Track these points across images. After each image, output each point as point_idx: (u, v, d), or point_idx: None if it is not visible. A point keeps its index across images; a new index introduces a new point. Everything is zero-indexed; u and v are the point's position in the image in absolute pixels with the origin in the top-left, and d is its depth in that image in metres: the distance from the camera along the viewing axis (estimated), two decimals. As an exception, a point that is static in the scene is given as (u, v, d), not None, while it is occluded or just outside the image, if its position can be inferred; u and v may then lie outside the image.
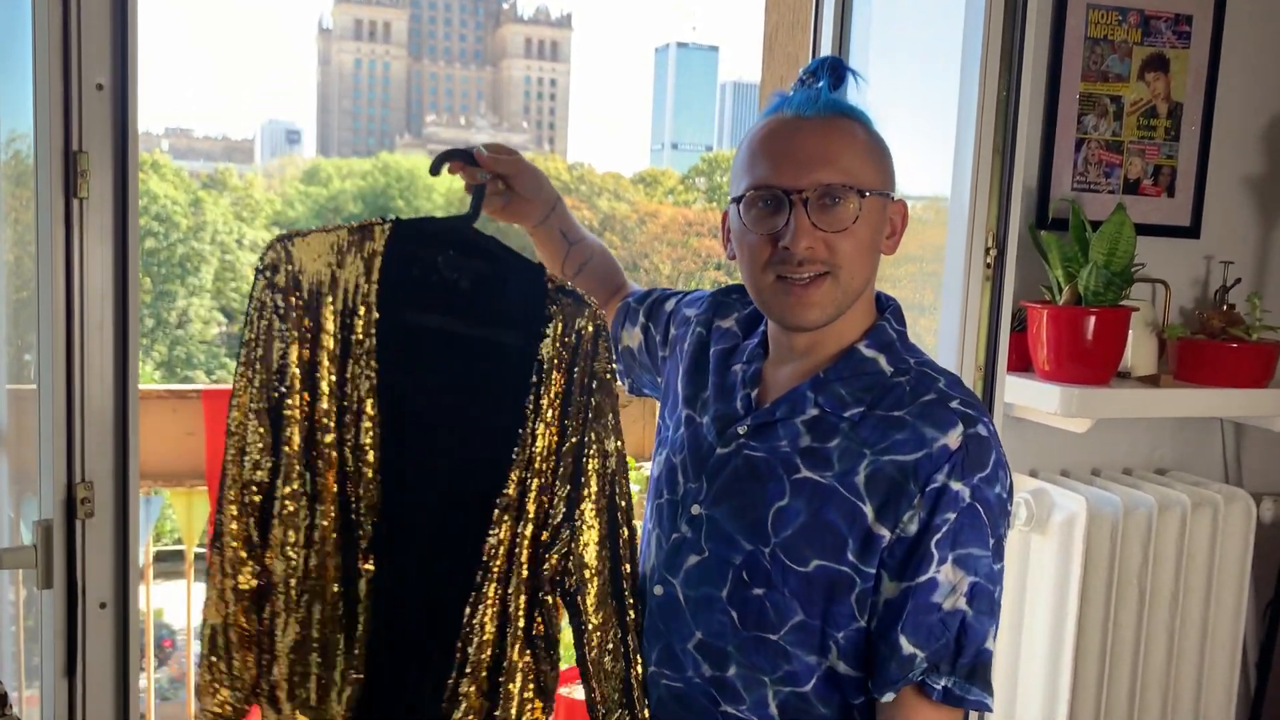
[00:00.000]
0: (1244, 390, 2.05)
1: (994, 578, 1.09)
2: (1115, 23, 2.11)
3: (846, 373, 1.14)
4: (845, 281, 1.12)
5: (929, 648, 1.06)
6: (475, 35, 76.63)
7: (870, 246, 1.14)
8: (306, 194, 36.03)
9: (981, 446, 1.08)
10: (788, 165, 1.10)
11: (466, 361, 1.18)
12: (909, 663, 1.06)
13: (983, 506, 1.08)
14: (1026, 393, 2.00)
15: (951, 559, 1.07)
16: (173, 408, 2.10)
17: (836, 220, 1.10)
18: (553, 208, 1.37)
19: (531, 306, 1.19)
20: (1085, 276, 1.91)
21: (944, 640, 1.06)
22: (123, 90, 1.25)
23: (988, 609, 1.08)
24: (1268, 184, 2.27)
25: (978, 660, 1.07)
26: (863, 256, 1.13)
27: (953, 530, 1.07)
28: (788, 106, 1.13)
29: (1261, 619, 2.17)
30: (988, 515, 1.08)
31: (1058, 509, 2.02)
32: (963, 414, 1.09)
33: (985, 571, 1.08)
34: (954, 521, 1.07)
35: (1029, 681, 2.06)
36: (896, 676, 1.07)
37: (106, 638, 1.31)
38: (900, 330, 1.19)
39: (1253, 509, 2.10)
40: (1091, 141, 2.13)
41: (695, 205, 35.22)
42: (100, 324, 1.26)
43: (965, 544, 1.07)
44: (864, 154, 1.12)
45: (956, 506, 1.07)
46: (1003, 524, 1.10)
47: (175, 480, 2.15)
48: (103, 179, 1.25)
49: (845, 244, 1.11)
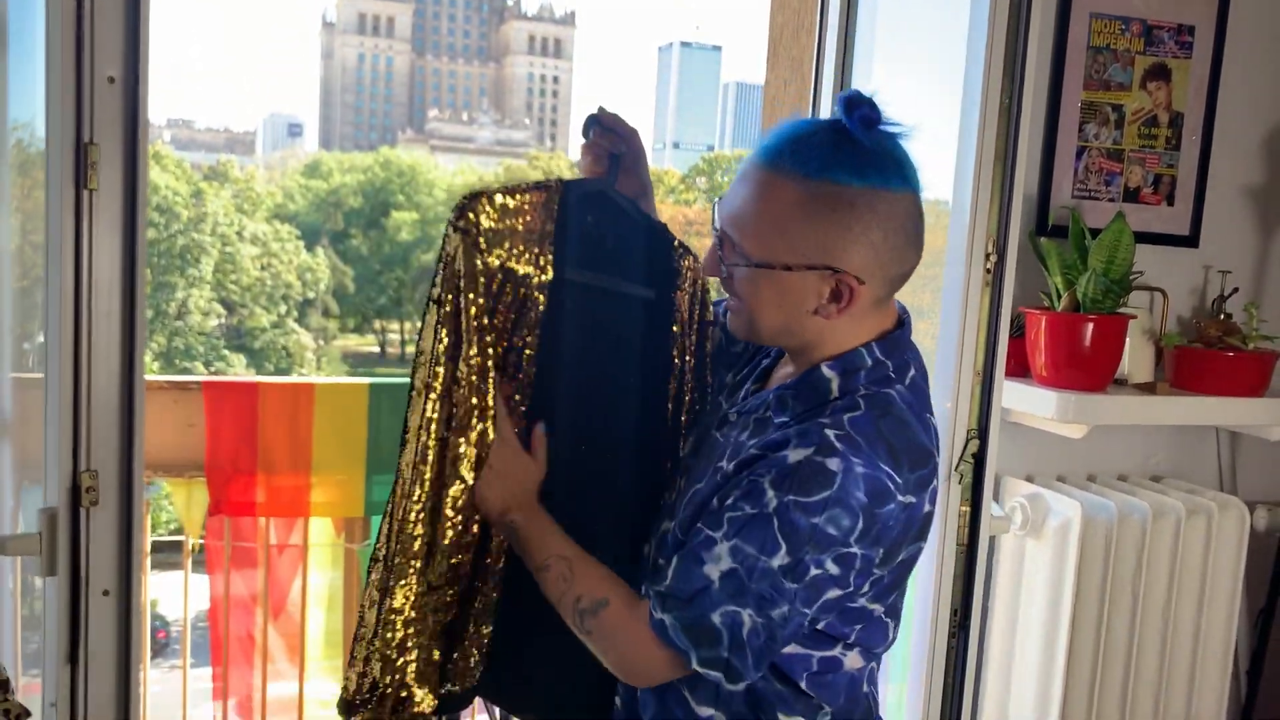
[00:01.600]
0: (1240, 399, 2.07)
1: (770, 579, 1.05)
2: (1118, 32, 2.12)
3: (803, 386, 1.15)
4: (749, 319, 1.14)
5: (672, 585, 1.08)
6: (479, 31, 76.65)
7: (772, 305, 1.11)
8: (308, 187, 36.01)
9: (817, 477, 1.03)
10: (726, 198, 1.13)
11: (621, 315, 1.26)
12: (657, 577, 1.10)
13: (781, 523, 1.04)
14: (1024, 398, 2.01)
15: (732, 543, 1.06)
16: (174, 398, 2.11)
17: (728, 268, 1.12)
18: (645, 191, 1.37)
19: (665, 261, 1.29)
20: (1084, 283, 1.92)
21: (684, 589, 1.07)
22: (134, 83, 1.26)
23: (735, 591, 1.05)
24: (1267, 195, 2.28)
25: (698, 623, 1.07)
26: (763, 309, 1.12)
27: (744, 521, 1.06)
28: (761, 140, 1.13)
29: (1253, 626, 2.19)
30: (785, 535, 1.04)
31: (1053, 514, 2.04)
32: (825, 442, 1.05)
33: (757, 572, 1.05)
34: (750, 517, 1.06)
35: (1022, 683, 2.08)
36: (647, 582, 1.12)
37: (109, 626, 1.32)
38: (881, 360, 1.14)
39: (1246, 517, 2.11)
40: (1092, 149, 2.14)
41: (696, 204, 35.26)
42: (108, 314, 1.28)
43: (749, 541, 1.05)
44: (774, 221, 1.08)
45: (758, 505, 1.05)
46: (808, 555, 1.04)
47: (175, 471, 2.16)
48: (112, 171, 1.26)
49: (740, 290, 1.12)
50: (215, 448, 2.12)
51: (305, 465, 2.18)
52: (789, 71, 2.49)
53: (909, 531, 1.10)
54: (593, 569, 1.15)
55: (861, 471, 1.04)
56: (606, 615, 1.11)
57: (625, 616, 1.11)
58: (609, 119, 1.29)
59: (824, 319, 1.11)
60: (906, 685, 1.91)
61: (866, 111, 1.06)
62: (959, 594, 1.86)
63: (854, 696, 1.18)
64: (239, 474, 2.14)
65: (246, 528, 2.23)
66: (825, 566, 1.05)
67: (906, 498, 1.07)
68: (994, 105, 1.73)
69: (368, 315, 35.48)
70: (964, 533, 1.85)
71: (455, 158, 54.16)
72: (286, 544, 2.26)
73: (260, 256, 28.47)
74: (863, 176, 1.06)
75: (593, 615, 1.12)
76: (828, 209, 1.06)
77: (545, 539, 1.17)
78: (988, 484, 1.84)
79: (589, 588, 1.13)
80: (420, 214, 34.84)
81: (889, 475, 1.06)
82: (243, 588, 2.27)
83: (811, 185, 1.06)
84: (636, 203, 1.30)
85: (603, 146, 1.29)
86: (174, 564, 2.39)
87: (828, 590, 1.07)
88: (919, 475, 1.09)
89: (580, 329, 1.22)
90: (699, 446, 1.26)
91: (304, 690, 2.29)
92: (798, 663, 1.14)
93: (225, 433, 2.12)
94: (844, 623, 1.13)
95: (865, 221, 1.06)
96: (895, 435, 1.08)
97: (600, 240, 1.24)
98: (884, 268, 1.10)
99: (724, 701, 1.16)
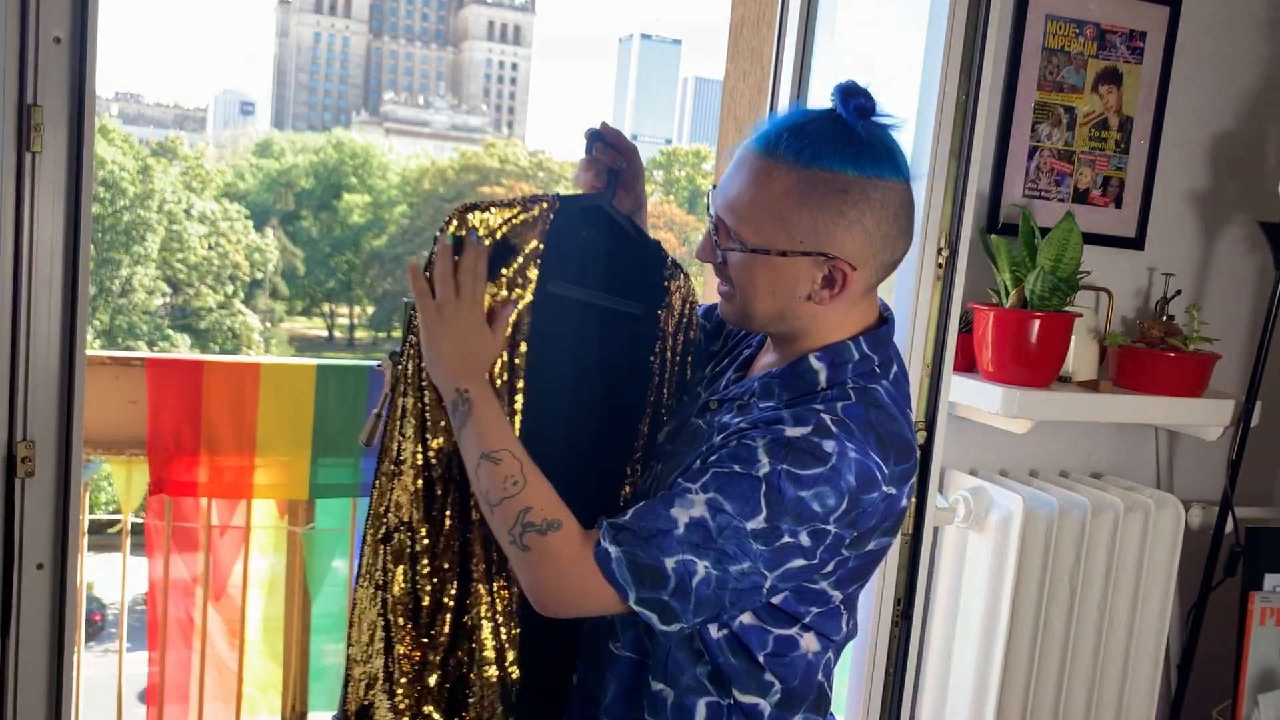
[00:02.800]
0: (1179, 399, 2.11)
1: (739, 538, 1.06)
2: (1073, 35, 2.15)
3: (790, 375, 1.16)
4: (742, 305, 1.15)
5: (632, 520, 1.08)
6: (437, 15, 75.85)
7: (766, 290, 1.13)
8: (258, 167, 35.42)
9: (814, 455, 1.06)
10: (721, 185, 1.15)
11: (607, 330, 1.26)
12: (619, 514, 1.10)
13: (769, 489, 1.05)
14: (970, 393, 2.04)
15: (710, 496, 1.06)
16: (115, 374, 2.07)
17: (723, 253, 1.14)
18: (641, 207, 1.38)
19: (656, 279, 1.29)
20: (1032, 281, 1.95)
21: (642, 523, 1.07)
22: (81, 45, 1.23)
23: (699, 542, 1.06)
24: (1210, 199, 2.33)
25: (648, 563, 1.06)
26: (757, 295, 1.13)
27: (729, 478, 1.06)
28: (757, 128, 1.14)
29: (1185, 621, 2.24)
30: (770, 501, 1.05)
31: (995, 507, 2.07)
32: (821, 424, 1.07)
33: (729, 530, 1.06)
34: (737, 475, 1.06)
35: (961, 672, 2.11)
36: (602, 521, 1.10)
37: (43, 600, 1.29)
38: (868, 355, 1.15)
39: (1182, 515, 2.16)
40: (1044, 150, 2.17)
41: (653, 198, 35.25)
42: (49, 280, 1.24)
43: (729, 498, 1.05)
44: (770, 207, 1.09)
45: (748, 467, 1.06)
46: (786, 524, 1.05)
47: (116, 449, 2.12)
48: (57, 134, 1.23)
49: (735, 275, 1.14)
50: (157, 426, 2.08)
51: (249, 446, 2.15)
52: (749, 63, 2.50)
53: (884, 522, 1.12)
54: (545, 483, 1.13)
55: (854, 457, 1.07)
56: (555, 539, 1.09)
57: (573, 545, 1.09)
58: (611, 134, 1.30)
59: (816, 304, 1.13)
60: (849, 673, 1.94)
61: (862, 101, 1.08)
62: (903, 584, 1.89)
63: (808, 680, 1.19)
64: (181, 453, 2.11)
65: (188, 508, 2.19)
66: (799, 537, 1.06)
67: (889, 488, 1.10)
68: (950, 103, 1.75)
69: (316, 298, 35.02)
70: (909, 523, 1.87)
71: (410, 141, 53.62)
72: (229, 525, 2.23)
73: (208, 235, 27.97)
74: (858, 165, 1.08)
75: (539, 533, 1.09)
76: (823, 196, 1.08)
77: (501, 424, 1.15)
78: (933, 476, 1.87)
79: (542, 503, 1.10)
80: (373, 197, 34.44)
81: (878, 465, 1.08)
82: (183, 570, 2.23)
83: (808, 172, 1.08)
84: (632, 219, 1.31)
85: (603, 162, 1.30)
86: (113, 545, 2.34)
87: (793, 559, 1.08)
88: (902, 469, 1.12)
89: (565, 342, 1.24)
90: (678, 433, 1.26)
91: (243, 674, 2.26)
92: (755, 638, 1.15)
93: (168, 411, 2.08)
94: (800, 602, 1.14)
95: (860, 209, 1.09)
96: (884, 427, 1.11)
97: (594, 255, 1.26)
98: (876, 254, 1.12)
99: (674, 675, 1.16)
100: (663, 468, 1.23)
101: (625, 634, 1.20)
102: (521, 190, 31.94)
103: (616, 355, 1.28)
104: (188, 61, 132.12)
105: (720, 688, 1.17)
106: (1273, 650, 2.21)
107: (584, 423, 1.25)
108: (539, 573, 1.10)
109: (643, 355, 1.29)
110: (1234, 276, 2.37)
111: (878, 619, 1.86)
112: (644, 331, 1.29)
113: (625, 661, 1.20)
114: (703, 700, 1.17)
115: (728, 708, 1.17)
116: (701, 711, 1.17)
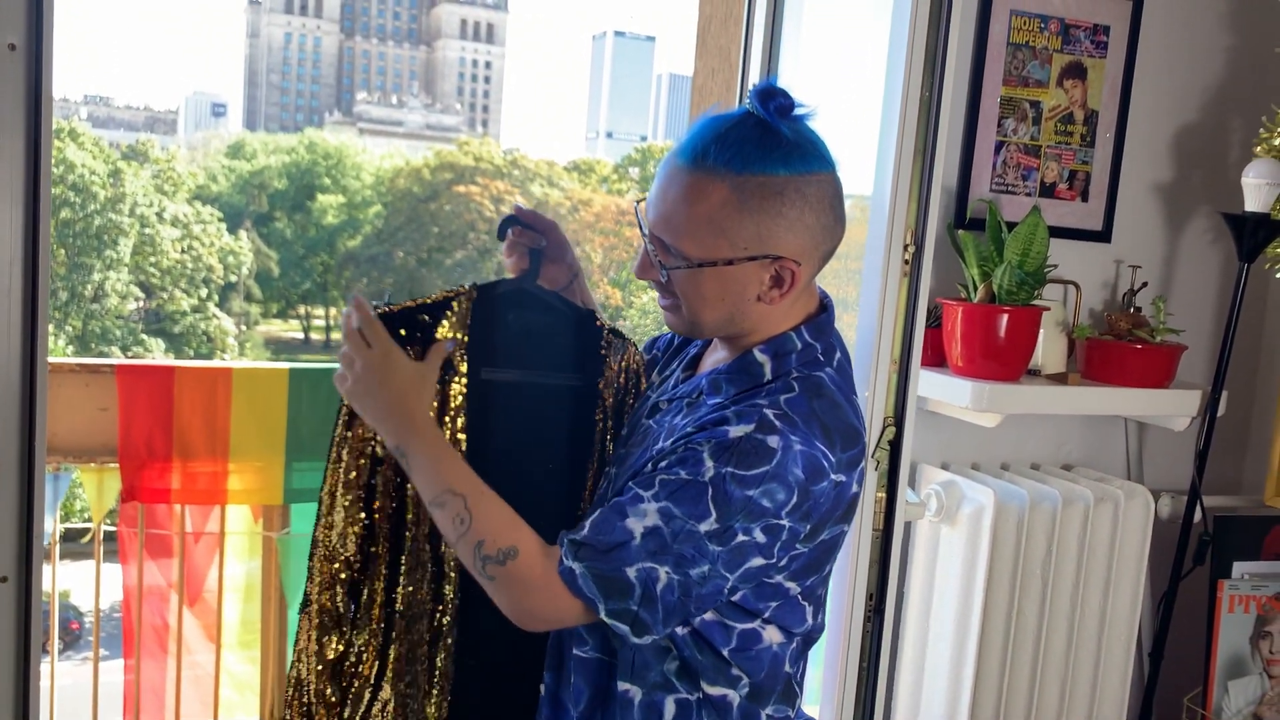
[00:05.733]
0: (1146, 390, 2.13)
1: (694, 541, 1.07)
2: (1037, 29, 2.17)
3: (736, 370, 1.17)
4: (690, 317, 1.16)
5: (589, 535, 1.09)
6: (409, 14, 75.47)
7: (715, 299, 1.14)
8: (231, 169, 35.11)
9: (758, 453, 1.06)
10: (653, 202, 1.15)
11: (543, 407, 1.29)
12: (577, 529, 1.11)
13: (716, 492, 1.06)
14: (940, 387, 2.05)
15: (662, 505, 1.07)
16: (85, 382, 2.05)
17: (668, 271, 1.14)
18: (575, 276, 1.39)
19: (591, 350, 1.31)
20: (1000, 276, 1.97)
21: (600, 537, 1.08)
22: (37, 51, 1.22)
23: (656, 549, 1.06)
24: (1175, 191, 2.35)
25: (611, 575, 1.07)
26: (706, 305, 1.15)
27: (677, 485, 1.07)
28: (681, 139, 1.15)
29: (1156, 610, 2.26)
30: (718, 503, 1.06)
31: (967, 501, 2.08)
32: (765, 420, 1.08)
33: (683, 534, 1.06)
34: (684, 482, 1.07)
35: (936, 664, 2.12)
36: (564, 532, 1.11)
37: (8, 614, 1.28)
38: (810, 343, 1.17)
39: (1151, 505, 2.18)
40: (1011, 144, 2.19)
41: (628, 195, 35.20)
42: (8, 290, 1.23)
43: (679, 504, 1.06)
44: (709, 219, 1.10)
45: (694, 472, 1.07)
46: (738, 522, 1.06)
47: (87, 456, 2.10)
48: (13, 142, 1.22)
49: (681, 290, 1.15)
50: (129, 433, 2.06)
51: (223, 451, 2.14)
52: (717, 60, 2.50)
53: (836, 510, 1.13)
54: (494, 509, 1.12)
55: (800, 449, 1.08)
56: (514, 566, 1.10)
57: (535, 567, 1.09)
58: (527, 215, 1.33)
59: (767, 304, 1.15)
60: (822, 668, 1.94)
61: (781, 101, 1.10)
62: (875, 579, 1.90)
63: (774, 673, 1.20)
64: (153, 460, 2.09)
65: (161, 515, 2.17)
66: (753, 534, 1.07)
67: (838, 476, 1.11)
68: (914, 98, 1.75)
69: (291, 300, 34.78)
70: (880, 518, 1.88)
71: (384, 141, 53.33)
72: (203, 531, 2.22)
73: (181, 239, 27.69)
74: (788, 165, 1.10)
75: (498, 564, 1.10)
76: (761, 200, 1.09)
77: (438, 467, 1.14)
78: (903, 471, 1.88)
79: (493, 534, 1.11)
80: (347, 198, 34.24)
81: (824, 454, 1.10)
82: (158, 576, 2.21)
83: (740, 180, 1.09)
84: (560, 294, 1.32)
85: (523, 244, 1.32)
86: (89, 554, 2.33)
87: (751, 558, 1.09)
88: (850, 455, 1.13)
89: (505, 422, 1.27)
90: (630, 436, 1.27)
91: (219, 679, 2.25)
92: (718, 634, 1.16)
93: (139, 417, 2.07)
94: (759, 598, 1.15)
95: (798, 206, 1.11)
96: (828, 415, 1.12)
97: (522, 336, 1.28)
98: (818, 246, 1.14)
99: (641, 673, 1.17)
100: (616, 471, 1.24)
101: (592, 636, 1.21)
102: (495, 188, 31.84)
103: (555, 428, 1.30)
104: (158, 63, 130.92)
105: (688, 682, 1.17)
106: (1242, 637, 2.24)
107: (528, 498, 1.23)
108: (509, 597, 1.11)
109: (584, 426, 1.31)
110: (1199, 268, 2.40)
111: (850, 615, 1.87)
112: (583, 402, 1.31)
113: (593, 663, 1.21)
114: (671, 698, 1.17)
115: (696, 702, 1.17)
116: (670, 709, 1.17)
